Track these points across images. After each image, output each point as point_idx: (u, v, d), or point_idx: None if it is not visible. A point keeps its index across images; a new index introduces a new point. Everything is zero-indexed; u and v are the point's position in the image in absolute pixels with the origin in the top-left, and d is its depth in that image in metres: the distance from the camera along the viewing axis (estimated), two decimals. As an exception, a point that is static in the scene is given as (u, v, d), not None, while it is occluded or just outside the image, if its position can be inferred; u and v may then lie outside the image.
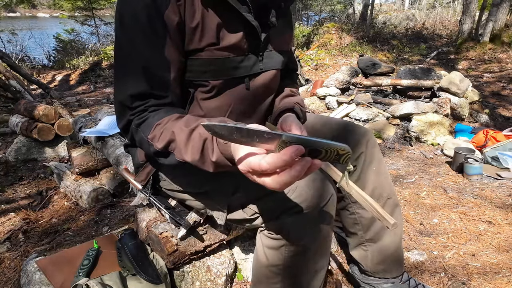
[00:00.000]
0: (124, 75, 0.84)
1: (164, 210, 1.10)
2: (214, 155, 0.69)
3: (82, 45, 10.15)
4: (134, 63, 0.82)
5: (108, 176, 2.25)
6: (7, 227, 1.90)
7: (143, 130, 0.81)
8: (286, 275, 0.89)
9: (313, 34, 9.45)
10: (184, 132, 0.73)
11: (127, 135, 0.88)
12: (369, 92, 4.19)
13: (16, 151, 2.92)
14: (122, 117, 0.85)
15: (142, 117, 0.82)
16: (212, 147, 0.69)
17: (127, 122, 0.85)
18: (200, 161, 0.72)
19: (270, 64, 0.99)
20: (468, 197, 2.04)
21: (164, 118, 0.79)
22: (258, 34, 0.90)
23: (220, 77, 0.90)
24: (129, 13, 0.80)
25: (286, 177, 0.54)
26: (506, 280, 1.34)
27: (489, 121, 3.68)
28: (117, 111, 0.87)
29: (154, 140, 0.78)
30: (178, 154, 0.75)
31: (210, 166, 0.72)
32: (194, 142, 0.72)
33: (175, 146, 0.76)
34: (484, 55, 7.05)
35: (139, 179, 1.09)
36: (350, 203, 1.16)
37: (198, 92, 0.92)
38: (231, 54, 0.88)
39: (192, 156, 0.72)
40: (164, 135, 0.77)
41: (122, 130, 0.88)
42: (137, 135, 0.84)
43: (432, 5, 11.76)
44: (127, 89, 0.83)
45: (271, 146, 0.55)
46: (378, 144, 1.31)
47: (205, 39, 0.84)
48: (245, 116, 1.02)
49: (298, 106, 1.09)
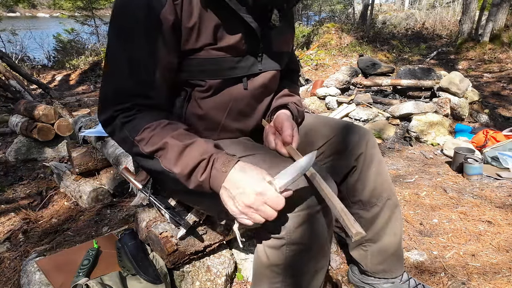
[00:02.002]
0: (113, 70, 0.84)
1: (164, 210, 1.10)
2: (203, 176, 0.76)
3: (82, 45, 10.16)
4: (123, 60, 0.82)
5: (108, 176, 2.25)
6: (7, 227, 1.90)
7: (128, 129, 0.82)
8: (286, 275, 0.89)
9: (313, 34, 9.45)
10: (178, 146, 0.78)
11: (107, 128, 0.87)
12: (369, 92, 4.19)
13: (16, 151, 2.92)
14: (105, 110, 0.85)
15: (129, 115, 0.83)
16: (204, 170, 0.76)
17: (109, 117, 0.84)
18: (185, 176, 0.78)
19: (269, 65, 0.99)
20: (468, 197, 2.04)
21: (153, 123, 0.81)
22: (257, 35, 0.90)
23: (216, 77, 0.90)
24: (123, 12, 0.81)
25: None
26: (506, 280, 1.34)
27: (489, 121, 3.68)
28: (100, 102, 0.87)
29: (141, 143, 0.81)
30: (165, 163, 0.79)
31: (193, 184, 0.78)
32: (187, 159, 0.77)
33: (163, 154, 0.79)
34: (484, 55, 7.06)
35: (139, 178, 1.09)
36: (350, 203, 1.16)
37: (196, 92, 0.92)
38: (228, 54, 0.89)
39: (181, 170, 0.77)
40: (153, 140, 0.79)
41: (102, 122, 0.87)
42: (120, 133, 0.84)
43: (432, 5, 11.76)
44: (113, 84, 0.84)
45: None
46: (378, 144, 1.31)
47: (202, 39, 0.84)
48: (244, 115, 1.02)
49: (294, 105, 1.09)
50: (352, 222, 0.74)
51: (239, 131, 1.05)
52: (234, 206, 0.75)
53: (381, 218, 1.15)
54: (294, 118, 1.07)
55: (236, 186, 0.74)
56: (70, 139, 2.99)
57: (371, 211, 1.14)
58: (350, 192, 1.14)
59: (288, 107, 1.08)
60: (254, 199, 0.73)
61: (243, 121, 1.03)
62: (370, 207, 1.13)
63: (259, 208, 0.74)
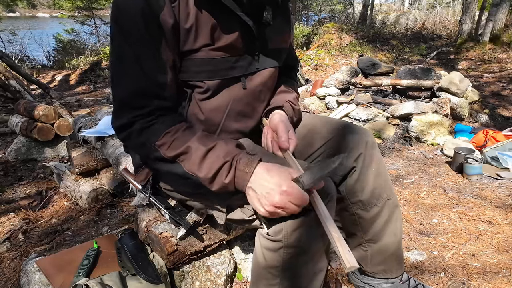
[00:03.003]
0: (124, 75, 0.84)
1: (163, 210, 1.10)
2: (228, 178, 0.79)
3: (82, 45, 10.16)
4: (133, 64, 0.82)
5: (108, 176, 2.25)
6: (7, 227, 1.90)
7: (148, 134, 0.83)
8: (284, 277, 0.89)
9: (313, 34, 9.46)
10: (201, 150, 0.80)
11: (122, 133, 0.87)
12: (369, 92, 4.19)
13: (16, 151, 2.92)
14: (122, 116, 0.85)
15: (148, 121, 0.84)
16: (228, 172, 0.79)
17: (127, 123, 0.84)
18: (209, 179, 0.80)
19: (267, 63, 0.99)
20: (468, 197, 2.04)
21: (173, 127, 0.83)
22: (253, 33, 0.90)
23: (215, 77, 0.91)
24: (124, 15, 0.81)
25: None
26: (506, 280, 1.34)
27: (489, 121, 3.68)
28: (116, 109, 0.87)
29: (163, 148, 0.82)
30: (188, 167, 0.82)
31: (216, 186, 0.81)
32: (211, 162, 0.80)
33: (186, 158, 0.82)
34: (484, 55, 7.06)
35: (139, 179, 1.09)
36: (350, 204, 1.16)
37: (196, 93, 0.93)
38: (226, 54, 0.89)
39: (205, 173, 0.80)
40: (176, 145, 0.82)
41: (119, 128, 0.87)
42: (138, 138, 0.85)
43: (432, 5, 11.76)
44: (128, 87, 0.84)
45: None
46: (378, 144, 1.31)
47: (200, 40, 0.85)
48: (243, 116, 1.02)
49: (289, 104, 1.09)
50: (346, 253, 0.71)
51: (238, 132, 1.04)
52: (260, 206, 0.77)
53: (381, 218, 1.14)
54: (289, 118, 1.07)
55: (261, 185, 0.77)
56: (70, 139, 2.98)
57: (371, 211, 1.14)
58: (350, 192, 1.14)
59: (283, 109, 1.08)
60: (279, 198, 0.75)
61: (242, 121, 1.03)
62: (370, 208, 1.13)
63: (285, 206, 0.76)
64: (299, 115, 1.16)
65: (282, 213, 0.77)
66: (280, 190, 0.75)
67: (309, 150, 1.14)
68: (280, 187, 0.75)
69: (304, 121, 1.19)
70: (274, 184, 0.76)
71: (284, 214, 0.77)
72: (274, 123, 1.04)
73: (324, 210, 0.79)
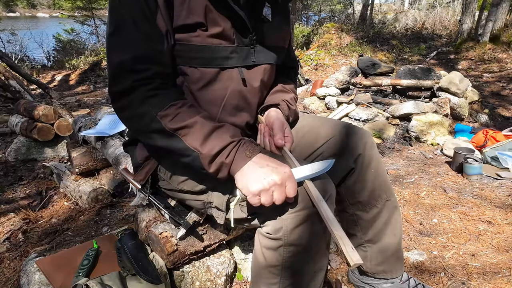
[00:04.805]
0: (124, 40, 0.83)
1: (163, 210, 1.10)
2: (228, 158, 0.79)
3: (82, 45, 10.17)
4: (132, 29, 0.82)
5: (108, 176, 2.25)
6: (7, 227, 1.90)
7: (151, 104, 0.82)
8: (284, 276, 0.89)
9: (312, 34, 9.46)
10: (208, 126, 0.81)
11: (122, 100, 0.84)
12: (368, 92, 4.19)
13: (16, 151, 2.92)
14: (121, 80, 0.83)
15: (151, 89, 0.83)
16: (230, 152, 0.79)
17: (128, 88, 0.82)
18: (210, 157, 0.79)
19: (264, 58, 0.99)
20: (468, 197, 2.04)
21: (179, 101, 0.84)
22: (247, 25, 0.90)
23: (210, 65, 0.91)
24: None
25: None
26: (505, 280, 1.34)
27: (489, 121, 3.68)
28: (115, 74, 0.84)
29: (165, 119, 0.81)
30: (190, 141, 0.81)
31: (214, 166, 0.80)
32: (216, 139, 0.80)
33: (189, 133, 0.81)
34: (484, 55, 7.06)
35: (138, 178, 1.09)
36: (349, 204, 1.16)
37: (191, 84, 0.93)
38: (222, 42, 0.89)
39: (208, 150, 0.79)
40: (181, 117, 0.81)
41: (119, 94, 0.84)
42: (140, 107, 0.83)
43: (432, 5, 11.76)
44: (129, 50, 0.82)
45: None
46: (378, 144, 1.30)
47: (193, 17, 0.85)
48: (239, 110, 1.01)
49: (285, 103, 1.09)
50: (349, 250, 0.71)
51: (234, 126, 1.05)
52: (261, 178, 0.77)
53: (380, 219, 1.14)
54: (285, 117, 1.07)
55: (255, 170, 0.78)
56: (70, 139, 2.98)
57: (371, 212, 1.14)
58: (349, 193, 1.14)
59: (279, 107, 1.08)
60: (282, 176, 0.77)
61: (238, 115, 1.02)
62: (370, 208, 1.13)
63: (283, 184, 0.77)
64: (295, 115, 1.15)
65: (275, 195, 0.77)
66: (284, 169, 0.78)
67: (309, 150, 1.14)
68: (284, 168, 0.78)
69: (304, 121, 1.19)
70: (277, 163, 0.79)
71: (278, 198, 0.77)
72: (270, 120, 1.04)
73: (326, 208, 0.79)
